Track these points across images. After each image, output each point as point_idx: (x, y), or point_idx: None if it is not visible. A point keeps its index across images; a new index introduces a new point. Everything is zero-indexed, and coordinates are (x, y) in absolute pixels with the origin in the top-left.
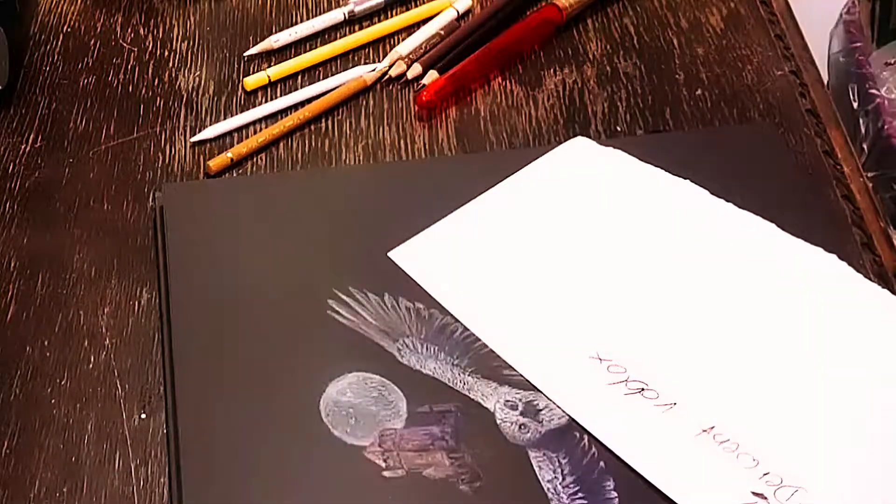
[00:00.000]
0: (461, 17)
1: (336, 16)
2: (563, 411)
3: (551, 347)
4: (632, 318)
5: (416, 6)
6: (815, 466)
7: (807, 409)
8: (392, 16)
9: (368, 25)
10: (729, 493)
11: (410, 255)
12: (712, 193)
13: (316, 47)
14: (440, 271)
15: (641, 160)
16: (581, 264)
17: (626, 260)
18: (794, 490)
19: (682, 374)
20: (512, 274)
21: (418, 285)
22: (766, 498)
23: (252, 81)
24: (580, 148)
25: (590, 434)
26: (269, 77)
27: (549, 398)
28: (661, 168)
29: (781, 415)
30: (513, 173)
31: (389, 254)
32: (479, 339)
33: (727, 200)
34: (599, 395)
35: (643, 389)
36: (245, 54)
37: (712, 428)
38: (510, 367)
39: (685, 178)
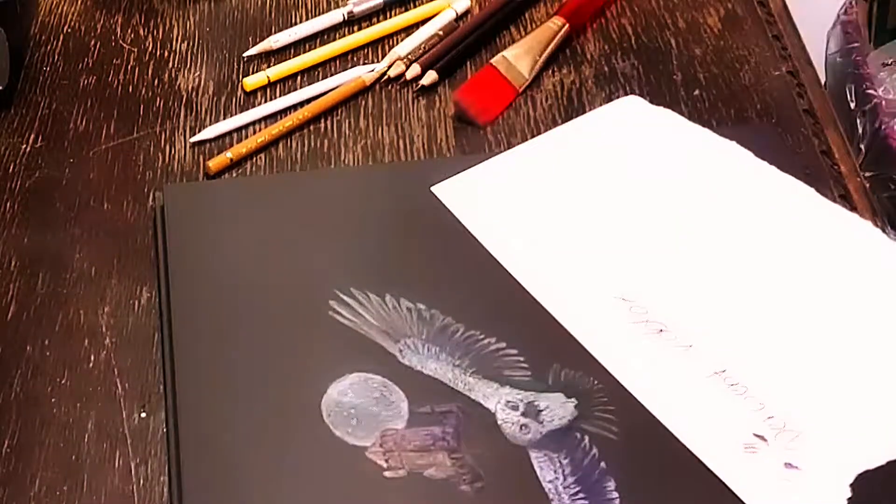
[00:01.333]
0: (460, 17)
1: (336, 16)
2: (584, 347)
3: (579, 286)
4: (658, 263)
5: (415, 7)
6: (819, 415)
7: (818, 359)
8: (391, 16)
9: (368, 26)
10: (731, 433)
11: (452, 191)
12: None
13: (315, 48)
14: (479, 208)
15: None
16: (615, 211)
17: (657, 208)
18: (796, 435)
19: (701, 319)
20: (548, 216)
21: (420, 274)
22: (766, 440)
23: (252, 82)
24: (631, 105)
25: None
26: (268, 77)
27: (572, 335)
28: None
29: (792, 363)
30: None
31: (432, 188)
32: (480, 340)
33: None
34: (620, 334)
35: (662, 330)
36: (244, 55)
37: (724, 371)
38: (511, 367)
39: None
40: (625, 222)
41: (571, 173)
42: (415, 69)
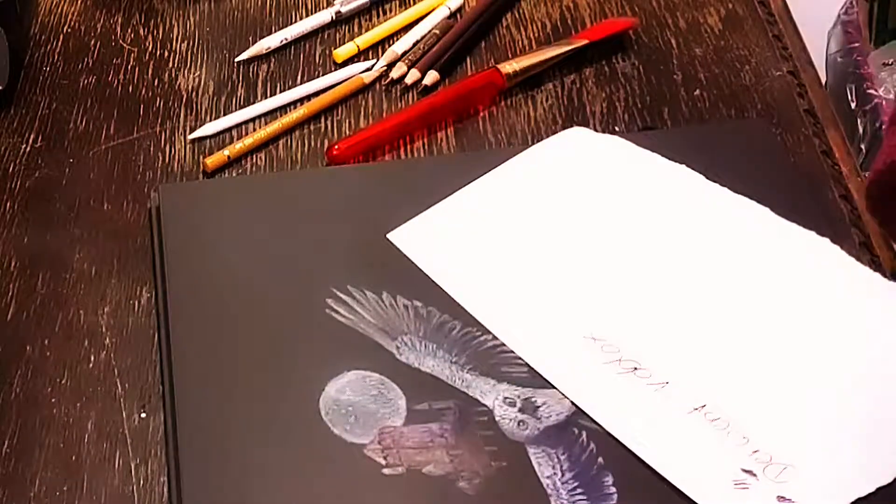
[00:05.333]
0: (452, 14)
1: (324, 17)
2: (558, 390)
3: (546, 327)
4: (625, 300)
5: (405, 7)
6: (804, 445)
7: (796, 388)
8: (379, 15)
9: (358, 25)
10: (720, 470)
11: (408, 237)
12: (708, 179)
13: (313, 48)
14: (438, 253)
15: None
16: (576, 246)
17: (620, 242)
18: (783, 467)
19: (674, 354)
20: (509, 256)
21: (417, 272)
22: (755, 475)
23: (343, 52)
24: (577, 136)
25: (587, 416)
26: (358, 46)
27: (543, 377)
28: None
29: (771, 394)
30: None
31: (388, 235)
32: (477, 337)
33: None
34: (593, 375)
35: (636, 368)
36: (237, 59)
37: (703, 406)
38: (508, 364)
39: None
40: (586, 259)
41: (526, 211)
42: (414, 74)
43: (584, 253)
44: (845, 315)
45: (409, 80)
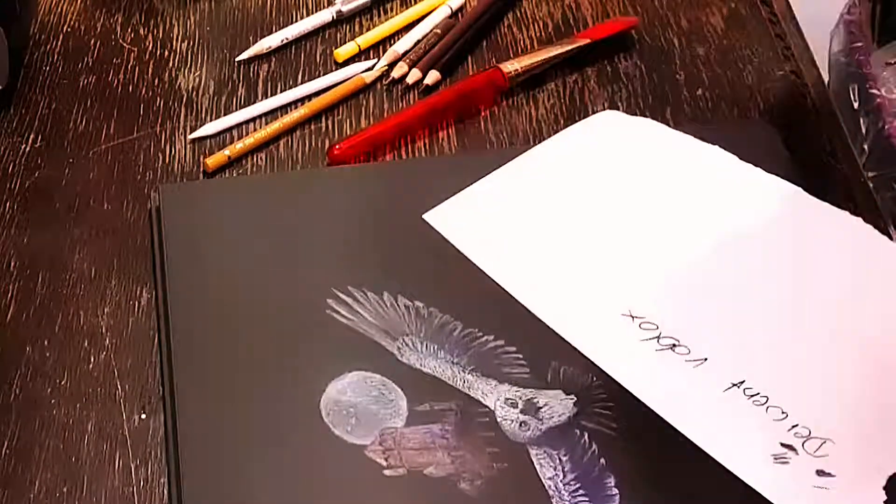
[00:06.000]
0: (454, 14)
1: (325, 16)
2: (598, 367)
3: (584, 305)
4: (663, 278)
5: (406, 6)
6: (843, 420)
7: (834, 363)
8: (379, 14)
9: (359, 24)
10: (758, 444)
11: (444, 217)
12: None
13: (313, 48)
14: (474, 232)
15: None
16: (612, 225)
17: (656, 221)
18: (822, 442)
19: (713, 331)
20: (544, 235)
21: (418, 272)
22: (794, 449)
23: (344, 52)
24: (609, 118)
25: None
26: (359, 45)
27: (584, 354)
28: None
29: (810, 369)
30: None
31: (424, 216)
32: (479, 338)
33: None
34: (632, 352)
35: (674, 346)
36: (237, 59)
37: (742, 382)
38: (510, 365)
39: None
40: (623, 238)
41: (562, 191)
42: (415, 74)
43: (619, 231)
44: (881, 292)
45: (410, 79)
